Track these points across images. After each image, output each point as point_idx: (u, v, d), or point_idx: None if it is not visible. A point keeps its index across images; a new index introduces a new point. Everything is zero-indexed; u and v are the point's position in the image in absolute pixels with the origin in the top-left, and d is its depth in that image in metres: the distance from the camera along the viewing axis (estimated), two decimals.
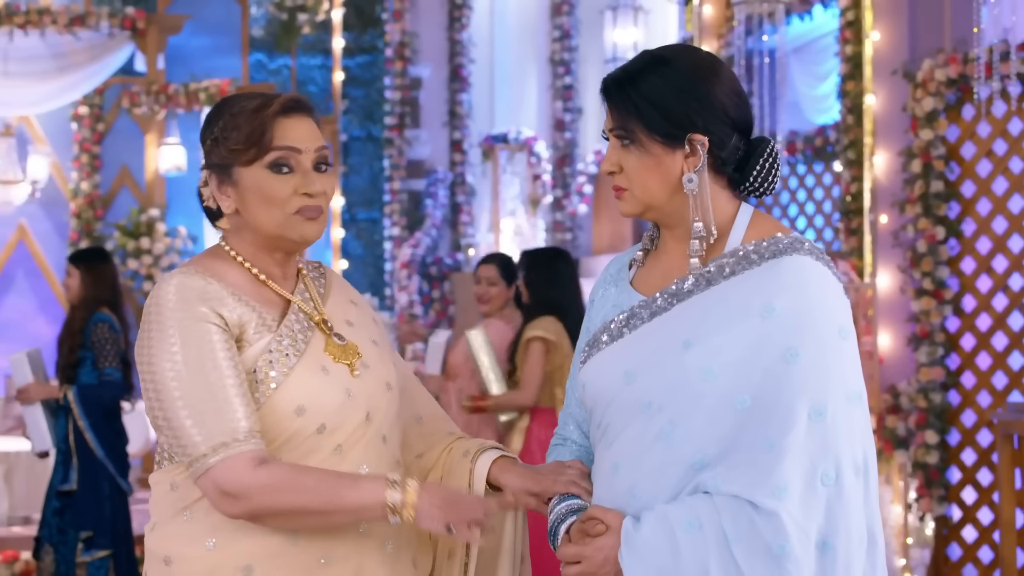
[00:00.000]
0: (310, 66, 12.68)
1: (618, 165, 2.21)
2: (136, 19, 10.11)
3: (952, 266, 6.68)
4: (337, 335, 2.38)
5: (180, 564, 2.29)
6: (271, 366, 2.27)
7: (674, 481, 2.11)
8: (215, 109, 2.38)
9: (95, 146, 11.17)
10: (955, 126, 6.67)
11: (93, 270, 6.20)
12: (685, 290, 2.18)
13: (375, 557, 2.35)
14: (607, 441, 2.21)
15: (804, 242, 2.17)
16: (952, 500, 6.66)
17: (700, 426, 2.09)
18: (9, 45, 9.97)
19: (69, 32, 9.98)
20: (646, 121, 2.17)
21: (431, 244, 12.26)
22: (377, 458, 2.36)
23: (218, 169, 2.34)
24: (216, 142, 2.33)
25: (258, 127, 2.30)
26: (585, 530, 2.17)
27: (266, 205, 2.31)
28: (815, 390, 2.06)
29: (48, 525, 6.11)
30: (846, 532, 2.07)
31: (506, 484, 2.41)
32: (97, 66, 10.27)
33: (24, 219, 11.18)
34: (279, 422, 2.26)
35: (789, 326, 2.08)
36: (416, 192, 12.74)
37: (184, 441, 2.21)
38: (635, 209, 2.23)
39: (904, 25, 7.42)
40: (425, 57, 12.86)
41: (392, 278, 12.34)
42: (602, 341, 2.25)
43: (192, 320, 2.24)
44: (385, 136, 12.62)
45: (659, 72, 2.18)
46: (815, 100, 9.91)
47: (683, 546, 2.05)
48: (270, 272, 2.38)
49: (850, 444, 2.09)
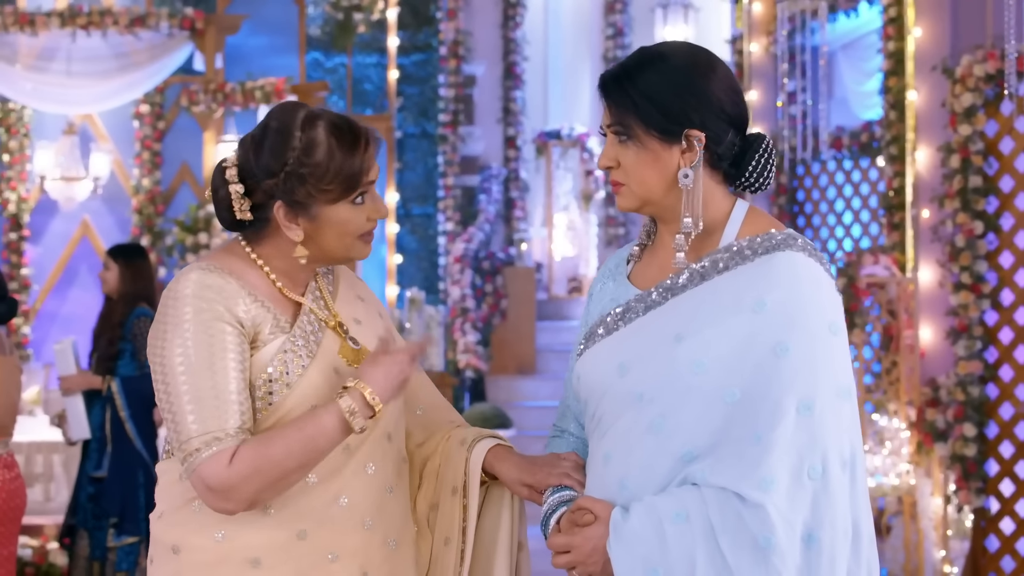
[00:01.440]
0: (366, 64, 12.87)
1: (615, 160, 2.23)
2: (195, 19, 10.31)
3: (990, 260, 6.72)
4: (351, 338, 2.41)
5: (188, 553, 2.30)
6: (286, 366, 2.30)
7: (663, 472, 2.13)
8: (276, 136, 2.30)
9: (156, 143, 11.42)
10: (994, 121, 6.72)
11: (132, 265, 6.37)
12: (679, 285, 2.20)
13: (379, 553, 2.37)
14: (600, 432, 2.24)
15: (797, 238, 2.20)
16: (990, 492, 6.70)
17: (690, 418, 2.12)
18: (72, 46, 10.20)
19: (130, 32, 10.19)
20: (643, 117, 2.18)
21: (484, 239, 12.41)
22: (383, 456, 2.39)
23: (294, 204, 2.29)
24: (297, 179, 2.27)
25: (357, 172, 2.29)
26: (575, 520, 2.19)
27: (342, 235, 2.32)
28: (804, 385, 2.08)
29: (83, 510, 6.29)
30: (831, 525, 2.08)
31: (501, 474, 2.43)
32: (157, 65, 10.48)
33: (87, 215, 11.45)
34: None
35: (780, 321, 2.11)
36: (470, 188, 12.90)
37: (182, 433, 2.22)
38: (632, 204, 2.25)
39: (946, 21, 7.46)
40: (479, 55, 13.01)
41: (445, 272, 12.51)
42: (598, 334, 2.28)
43: (208, 316, 2.25)
44: (439, 133, 12.79)
45: (656, 68, 2.20)
46: (863, 96, 9.96)
47: (670, 537, 2.07)
48: (288, 276, 2.38)
49: (837, 439, 2.10)
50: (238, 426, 2.22)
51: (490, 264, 12.40)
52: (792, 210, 10.22)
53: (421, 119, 13.01)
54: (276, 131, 2.30)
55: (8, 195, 11.39)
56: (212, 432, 2.20)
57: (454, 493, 2.46)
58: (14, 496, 4.76)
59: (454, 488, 2.46)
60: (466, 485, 2.45)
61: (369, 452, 2.36)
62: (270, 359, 2.29)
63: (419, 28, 13.06)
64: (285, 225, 2.31)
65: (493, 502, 2.50)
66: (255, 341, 2.30)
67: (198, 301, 2.26)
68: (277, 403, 2.28)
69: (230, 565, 2.28)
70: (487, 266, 12.37)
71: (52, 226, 11.52)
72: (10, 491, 4.74)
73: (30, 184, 11.43)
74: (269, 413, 2.28)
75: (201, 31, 10.37)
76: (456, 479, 2.46)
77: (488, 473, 2.46)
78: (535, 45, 13.52)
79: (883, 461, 7.49)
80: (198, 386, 2.22)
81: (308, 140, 2.27)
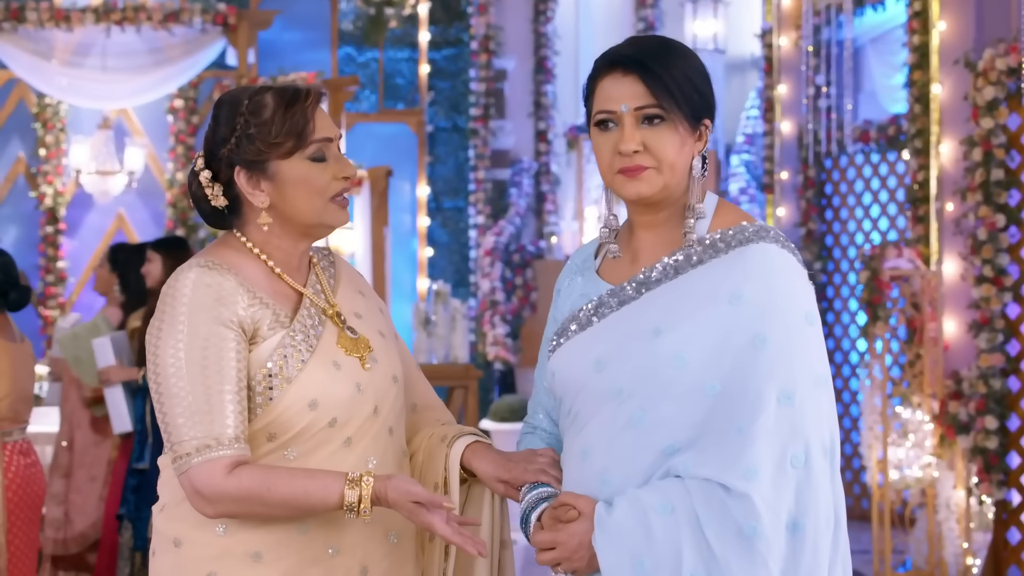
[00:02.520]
0: (397, 59, 12.96)
1: (642, 144, 2.19)
2: (227, 15, 10.43)
3: (1012, 253, 6.73)
4: (350, 328, 2.41)
5: (190, 547, 2.32)
6: (285, 361, 2.30)
7: (645, 466, 2.14)
8: (224, 106, 2.38)
9: (190, 137, 11.57)
10: (1016, 115, 6.72)
11: (174, 257, 6.45)
12: (654, 279, 2.21)
13: (380, 548, 2.39)
14: (577, 428, 2.24)
15: (769, 230, 2.21)
16: (1012, 485, 6.71)
17: (670, 412, 2.12)
18: (107, 41, 10.35)
19: (164, 28, 10.33)
20: (682, 101, 2.18)
21: (514, 232, 12.47)
22: (384, 450, 2.40)
23: (250, 164, 2.33)
24: (246, 138, 2.33)
25: (299, 119, 2.32)
26: (557, 516, 2.20)
27: (308, 194, 2.33)
28: (783, 375, 2.10)
29: (127, 502, 6.39)
30: (815, 513, 2.09)
31: (477, 470, 2.43)
32: (191, 60, 10.61)
33: (122, 208, 11.62)
34: (293, 416, 2.30)
35: (757, 313, 2.12)
36: (500, 181, 12.97)
37: (172, 435, 2.25)
38: (655, 189, 2.21)
39: (971, 15, 7.46)
40: (510, 50, 13.07)
41: (476, 265, 12.60)
42: (571, 330, 2.27)
43: (204, 319, 2.26)
44: (470, 127, 12.86)
45: (683, 56, 2.21)
46: (891, 89, 9.97)
47: (656, 529, 2.08)
48: (286, 263, 2.40)
49: (818, 427, 2.12)
50: (233, 436, 2.24)
51: (520, 257, 12.47)
52: (820, 203, 10.24)
53: (452, 113, 13.09)
54: (227, 104, 2.38)
55: (45, 189, 11.57)
56: (205, 438, 2.22)
57: (436, 489, 2.45)
58: (30, 483, 4.79)
59: (435, 484, 2.46)
60: (446, 481, 2.45)
61: (371, 446, 2.37)
62: (269, 354, 2.30)
63: (450, 23, 13.13)
64: (248, 192, 2.35)
65: (474, 500, 2.51)
66: (254, 337, 2.31)
67: (196, 302, 2.28)
68: (277, 398, 2.29)
69: (231, 559, 2.30)
70: (517, 259, 12.44)
71: (88, 220, 11.70)
72: (25, 478, 4.76)
73: (66, 178, 11.61)
74: (270, 408, 2.30)
75: (234, 26, 10.48)
76: (437, 475, 2.46)
77: (466, 469, 2.46)
78: (566, 39, 13.57)
79: (907, 453, 7.52)
80: (190, 391, 2.23)
81: (255, 103, 2.34)
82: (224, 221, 2.43)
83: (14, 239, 11.70)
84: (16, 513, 4.73)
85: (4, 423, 4.73)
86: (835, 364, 10.17)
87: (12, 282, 4.78)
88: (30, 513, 4.81)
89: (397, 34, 12.73)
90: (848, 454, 9.69)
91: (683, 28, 12.94)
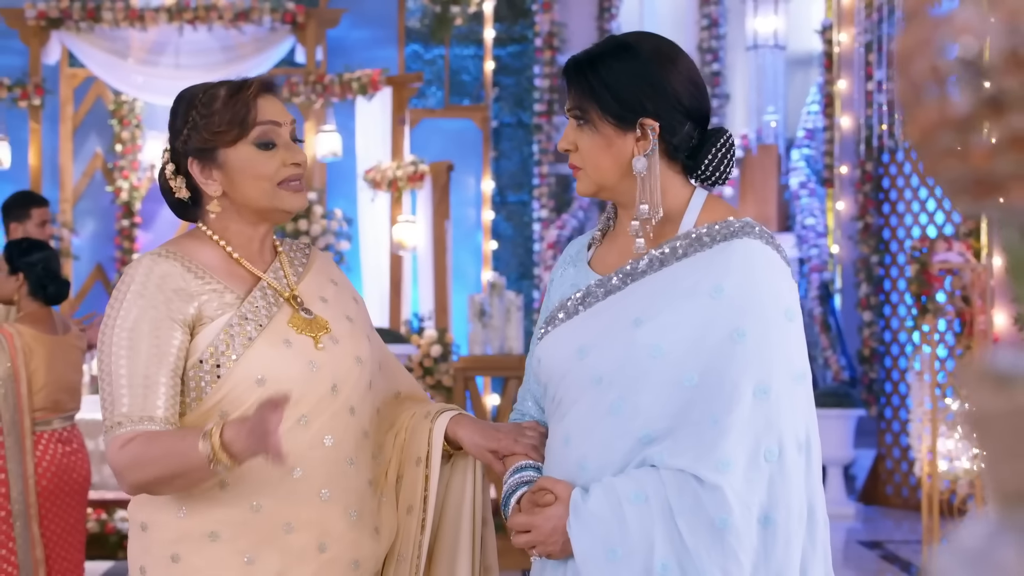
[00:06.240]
0: (463, 56, 13.18)
1: (574, 144, 2.27)
2: (296, 13, 10.67)
3: None
4: (305, 310, 2.47)
5: (154, 530, 2.40)
6: (232, 339, 2.36)
7: (622, 454, 2.16)
8: (182, 101, 2.47)
9: None
10: None
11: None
12: (639, 270, 2.24)
13: (339, 525, 2.41)
14: (560, 414, 2.27)
15: (755, 226, 2.23)
16: None
17: (648, 401, 2.14)
18: (180, 40, 10.64)
19: (234, 27, 10.58)
20: (599, 103, 2.22)
21: (577, 226, 12.63)
22: (344, 428, 2.43)
23: (200, 154, 2.42)
24: (195, 129, 2.42)
25: (241, 107, 2.40)
26: (535, 500, 2.23)
27: (255, 180, 2.41)
28: (760, 369, 2.11)
29: None
30: (787, 507, 2.10)
31: (463, 439, 2.47)
32: (261, 58, 10.86)
33: None
34: (241, 393, 2.34)
35: (737, 306, 2.13)
36: (564, 176, 13.14)
37: (106, 412, 2.35)
38: (589, 188, 2.29)
39: None
40: (574, 46, 13.22)
41: (539, 258, 12.79)
42: (558, 318, 2.32)
43: (149, 307, 2.35)
44: (534, 122, 13.05)
45: (619, 57, 2.24)
46: None
47: (629, 517, 2.10)
48: (246, 248, 2.48)
49: (793, 422, 2.13)
50: (145, 415, 2.31)
51: None
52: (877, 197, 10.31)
53: (517, 109, 13.29)
54: (184, 99, 2.48)
55: (121, 183, 11.94)
56: (120, 418, 2.31)
57: (418, 463, 2.51)
58: (70, 471, 4.85)
59: (418, 459, 2.51)
60: (429, 455, 2.49)
61: (328, 424, 2.41)
62: (216, 333, 2.37)
63: (515, 20, 13.33)
64: (201, 181, 2.44)
65: (457, 475, 2.55)
66: (201, 318, 2.38)
67: (144, 290, 2.37)
68: (225, 375, 2.35)
69: (191, 540, 2.37)
70: None
71: (162, 213, 12.01)
72: (64, 465, 4.83)
73: (141, 173, 11.96)
74: (219, 385, 2.35)
75: (302, 25, 10.72)
76: (420, 449, 2.51)
77: (452, 443, 2.51)
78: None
79: (955, 445, 7.61)
80: (129, 372, 2.32)
81: (208, 96, 2.44)
82: (189, 213, 2.53)
83: (91, 232, 12.08)
84: (52, 501, 4.81)
85: (43, 413, 4.83)
86: (891, 356, 10.24)
87: (52, 276, 4.92)
88: (68, 500, 4.88)
89: (463, 31, 12.94)
90: (904, 445, 9.77)
91: (744, 25, 13.04)
